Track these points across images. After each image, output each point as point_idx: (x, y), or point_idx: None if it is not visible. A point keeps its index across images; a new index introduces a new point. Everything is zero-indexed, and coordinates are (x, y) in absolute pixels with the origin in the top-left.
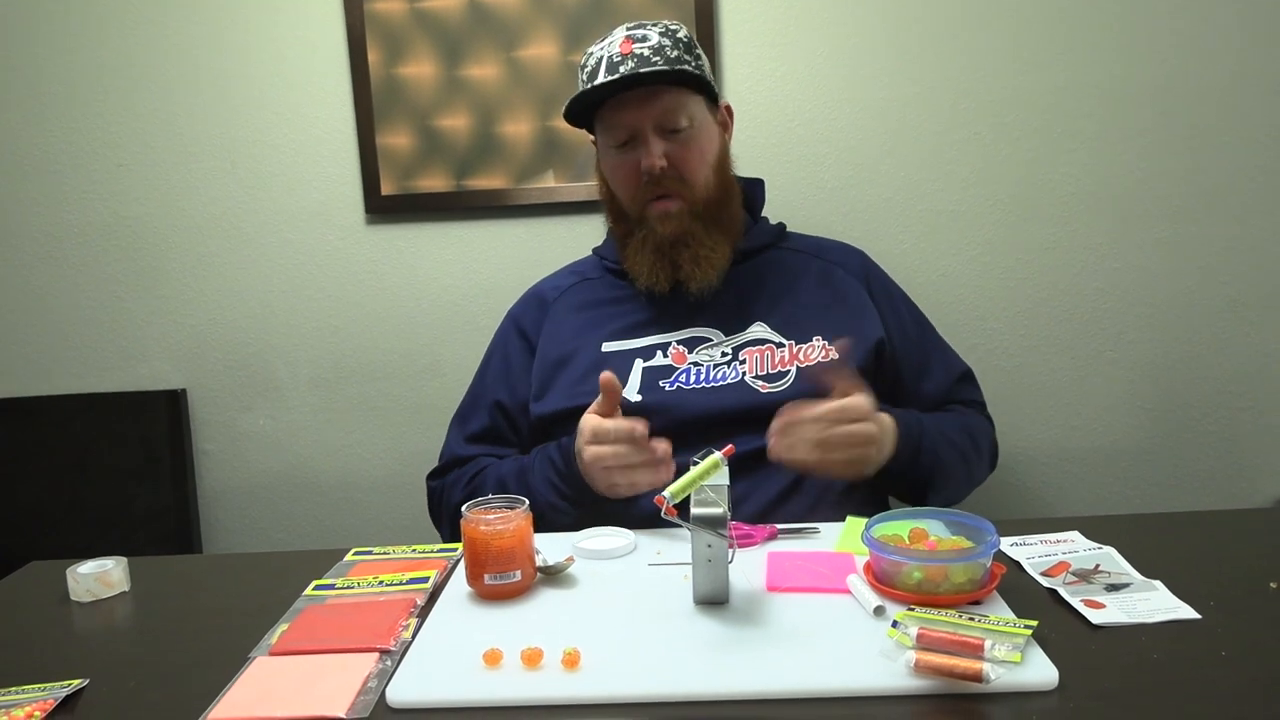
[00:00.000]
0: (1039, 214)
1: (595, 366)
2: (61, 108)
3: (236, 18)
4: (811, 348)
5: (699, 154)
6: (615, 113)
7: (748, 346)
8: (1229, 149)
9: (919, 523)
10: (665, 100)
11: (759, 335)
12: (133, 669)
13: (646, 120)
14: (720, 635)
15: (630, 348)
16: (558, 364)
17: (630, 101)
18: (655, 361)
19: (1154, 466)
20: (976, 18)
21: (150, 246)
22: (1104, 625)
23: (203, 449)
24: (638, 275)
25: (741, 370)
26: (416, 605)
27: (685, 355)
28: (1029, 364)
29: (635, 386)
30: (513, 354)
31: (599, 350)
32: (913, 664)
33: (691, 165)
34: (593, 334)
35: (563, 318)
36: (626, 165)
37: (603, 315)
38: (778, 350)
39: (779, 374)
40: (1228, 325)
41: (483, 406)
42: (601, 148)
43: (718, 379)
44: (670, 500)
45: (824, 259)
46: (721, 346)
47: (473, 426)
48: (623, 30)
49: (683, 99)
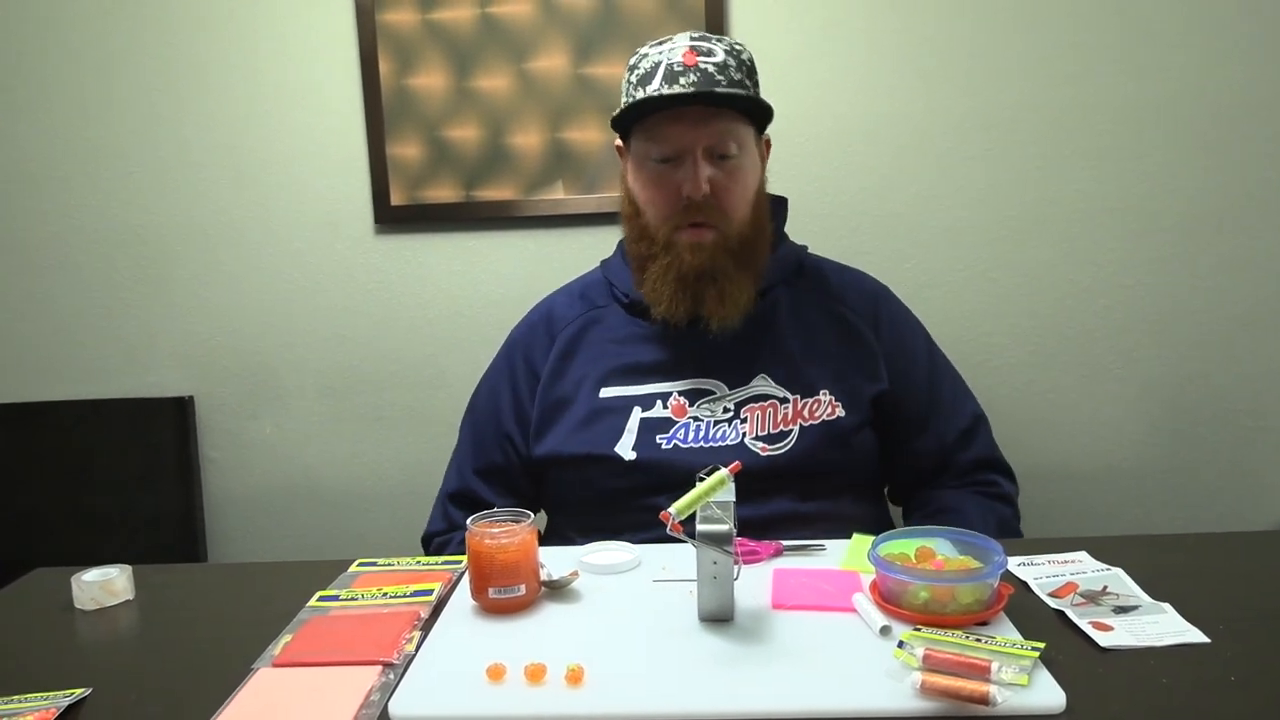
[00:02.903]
0: (1048, 230)
1: (593, 414)
2: (71, 116)
3: (247, 28)
4: (817, 403)
5: (742, 186)
6: (667, 126)
7: (751, 403)
8: (1238, 165)
9: (926, 541)
10: (722, 124)
11: (762, 390)
12: (135, 679)
13: (700, 141)
14: (725, 653)
15: (629, 394)
16: (557, 405)
17: (686, 118)
18: (654, 412)
19: (1163, 485)
20: (987, 34)
21: (159, 254)
22: (1112, 648)
23: (209, 456)
24: (655, 303)
25: (742, 430)
26: (420, 618)
27: (686, 409)
28: (1037, 380)
29: (630, 443)
30: (522, 388)
31: (597, 396)
32: (919, 685)
33: (733, 197)
34: (594, 374)
35: (568, 353)
36: (666, 185)
37: (606, 353)
38: (781, 406)
39: (780, 434)
40: (1237, 342)
41: (493, 441)
42: (637, 159)
43: (717, 438)
44: (676, 516)
45: (835, 299)
46: (724, 401)
47: (484, 460)
48: (686, 39)
49: (737, 125)
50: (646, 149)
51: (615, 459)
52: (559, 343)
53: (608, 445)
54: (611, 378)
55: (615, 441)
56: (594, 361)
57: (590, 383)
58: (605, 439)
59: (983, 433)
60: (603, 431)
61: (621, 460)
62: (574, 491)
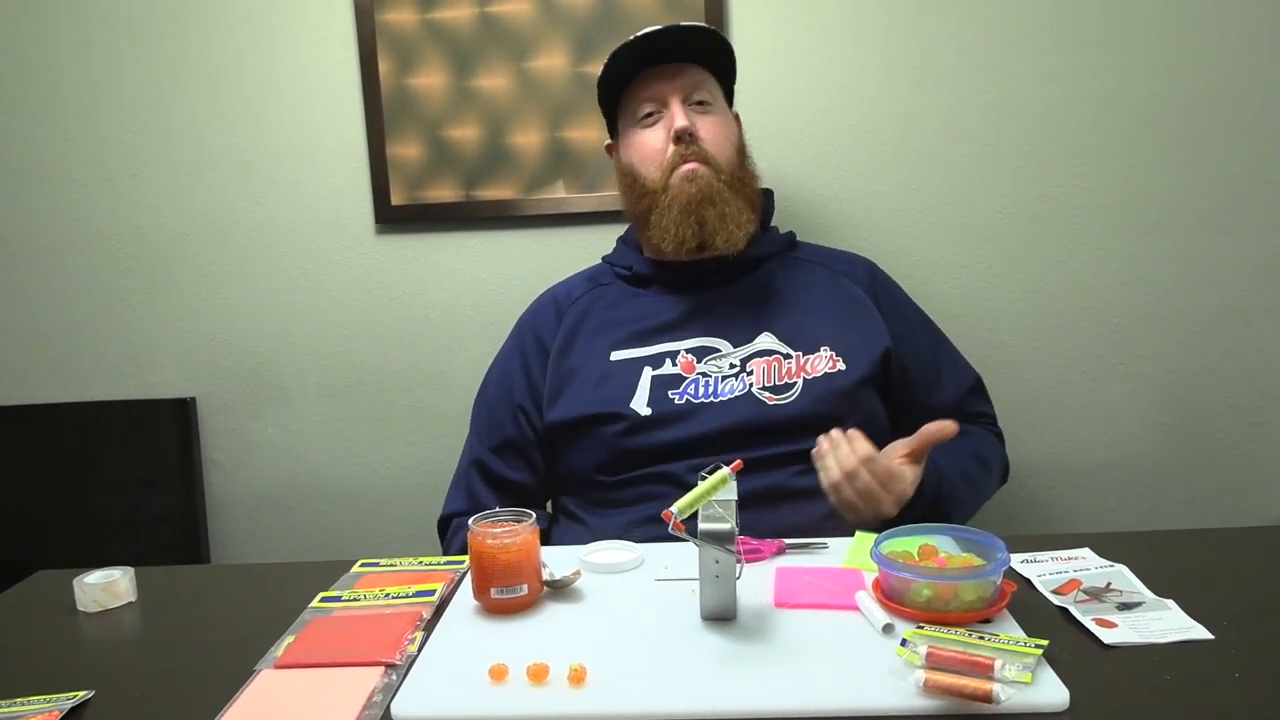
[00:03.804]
0: (1050, 227)
1: (605, 376)
2: (75, 117)
3: (247, 28)
4: (819, 358)
5: (724, 130)
6: (643, 86)
7: (755, 358)
8: (1244, 161)
9: (929, 539)
10: (693, 75)
11: (767, 346)
12: (138, 681)
13: (675, 91)
14: (727, 652)
15: (639, 355)
16: (570, 374)
17: (661, 75)
18: (664, 370)
19: (1167, 481)
20: (987, 30)
21: (161, 255)
22: (1115, 645)
23: (211, 457)
24: (663, 239)
25: (749, 382)
26: (422, 619)
27: (694, 365)
28: (1040, 378)
29: (644, 399)
30: (532, 363)
31: (608, 359)
32: (922, 683)
33: (716, 137)
34: (602, 342)
35: (576, 327)
36: (653, 135)
37: (613, 321)
38: (785, 361)
39: (786, 385)
40: (1242, 339)
41: (506, 414)
42: (625, 134)
43: (725, 391)
44: (678, 515)
45: (831, 268)
46: (729, 358)
47: (498, 436)
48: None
49: (707, 79)
50: (633, 110)
51: (631, 414)
52: (567, 317)
53: (623, 403)
54: (620, 342)
55: (630, 399)
56: (602, 329)
57: (601, 348)
58: (620, 397)
59: (984, 392)
60: (617, 390)
61: (637, 415)
62: (588, 456)
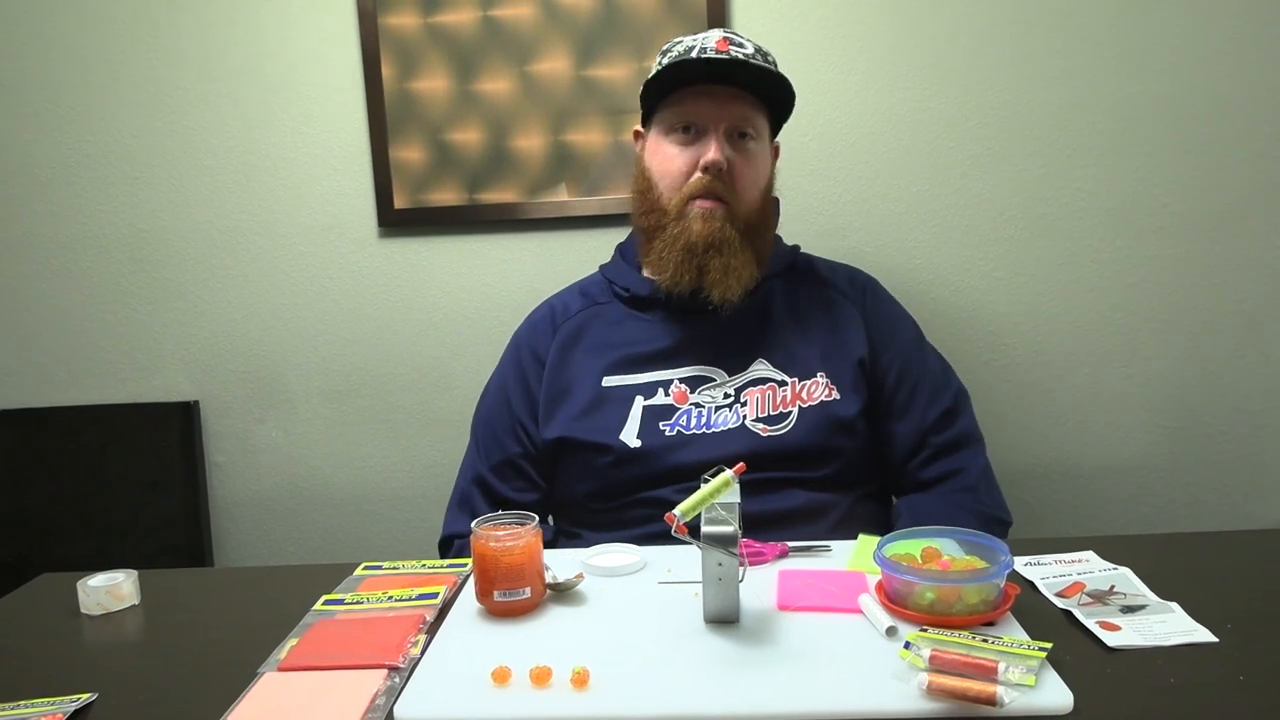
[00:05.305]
0: (1052, 229)
1: (596, 401)
2: (77, 121)
3: (251, 31)
4: (815, 384)
5: (755, 170)
6: (693, 100)
7: (750, 386)
8: (1245, 163)
9: (932, 542)
10: (745, 107)
11: (761, 374)
12: (141, 684)
13: (722, 118)
14: (731, 655)
15: (631, 383)
16: (562, 392)
17: (714, 96)
18: (656, 400)
19: (1169, 484)
20: (988, 33)
21: (164, 258)
22: (1119, 648)
23: (214, 461)
24: (660, 271)
25: (742, 414)
26: (425, 621)
27: (687, 395)
28: (1043, 380)
29: (634, 431)
30: (530, 377)
31: (600, 384)
32: (925, 686)
33: (746, 179)
34: (596, 363)
35: (570, 343)
36: (683, 156)
37: (607, 343)
38: (779, 389)
39: (780, 415)
40: (1244, 341)
41: (505, 431)
42: (655, 136)
43: (719, 423)
44: (681, 518)
45: (824, 286)
46: (724, 387)
47: (498, 454)
48: (720, 31)
49: (757, 114)
50: (671, 121)
51: (620, 446)
52: (561, 333)
53: (613, 434)
54: (613, 367)
55: (620, 429)
56: (596, 351)
57: (593, 371)
58: (611, 428)
59: (965, 411)
60: (607, 419)
61: (627, 448)
62: (581, 482)
